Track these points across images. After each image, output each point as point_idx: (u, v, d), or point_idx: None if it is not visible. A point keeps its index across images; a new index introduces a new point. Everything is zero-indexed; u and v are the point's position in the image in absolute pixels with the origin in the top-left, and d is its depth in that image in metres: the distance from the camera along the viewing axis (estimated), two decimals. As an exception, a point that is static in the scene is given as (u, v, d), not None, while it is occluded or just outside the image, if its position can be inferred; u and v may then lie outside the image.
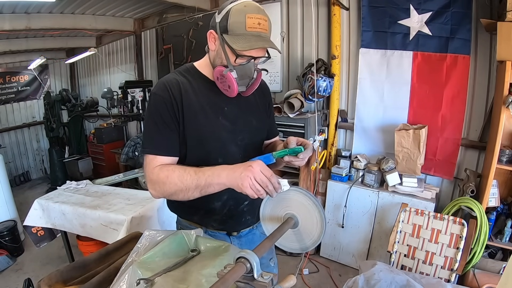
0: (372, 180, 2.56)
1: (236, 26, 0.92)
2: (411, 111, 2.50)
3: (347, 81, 2.83)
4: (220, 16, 0.95)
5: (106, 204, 2.17)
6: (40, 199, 2.35)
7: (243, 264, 0.65)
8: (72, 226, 2.20)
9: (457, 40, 2.22)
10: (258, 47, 0.93)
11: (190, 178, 0.92)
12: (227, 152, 1.07)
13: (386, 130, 2.60)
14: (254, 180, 0.83)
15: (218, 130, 1.05)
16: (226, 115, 1.07)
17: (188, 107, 1.00)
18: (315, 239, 0.92)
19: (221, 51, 0.97)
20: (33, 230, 2.39)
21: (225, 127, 1.07)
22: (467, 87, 2.25)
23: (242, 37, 0.92)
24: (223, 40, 0.94)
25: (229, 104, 1.07)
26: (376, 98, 2.62)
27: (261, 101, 1.20)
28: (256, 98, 1.16)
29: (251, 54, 0.95)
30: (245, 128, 1.11)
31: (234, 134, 1.08)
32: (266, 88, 1.25)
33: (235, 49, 0.93)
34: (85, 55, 4.49)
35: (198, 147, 1.03)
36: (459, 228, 1.84)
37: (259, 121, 1.17)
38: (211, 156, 1.05)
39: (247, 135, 1.12)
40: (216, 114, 1.05)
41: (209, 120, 1.04)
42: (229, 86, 0.98)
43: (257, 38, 0.93)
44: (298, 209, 0.92)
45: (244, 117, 1.12)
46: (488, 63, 2.19)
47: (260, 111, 1.19)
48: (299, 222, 0.92)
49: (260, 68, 1.06)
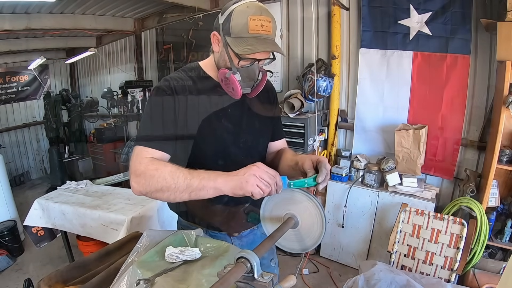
0: (372, 180, 2.56)
1: (238, 28, 0.90)
2: (411, 111, 2.50)
3: (347, 81, 2.83)
4: (223, 18, 0.93)
5: (106, 204, 2.17)
6: (40, 199, 2.35)
7: (243, 264, 0.65)
8: (72, 226, 2.20)
9: (457, 40, 2.22)
10: (260, 51, 0.91)
11: (182, 176, 0.85)
12: (228, 154, 1.06)
13: (386, 130, 2.60)
14: (260, 179, 0.81)
15: (220, 132, 1.05)
16: (229, 116, 1.06)
17: (191, 107, 0.99)
18: (315, 239, 0.92)
19: (225, 53, 0.96)
20: (33, 230, 2.39)
21: (227, 129, 1.06)
22: (467, 87, 2.25)
23: (245, 40, 0.90)
24: (226, 42, 0.93)
25: (233, 105, 1.06)
26: (376, 98, 2.62)
27: (266, 101, 1.18)
28: (261, 99, 1.14)
29: (255, 57, 0.94)
30: (247, 130, 1.10)
31: (236, 136, 1.07)
32: (272, 89, 1.23)
33: (237, 52, 0.91)
34: (85, 55, 4.49)
35: (197, 147, 1.03)
36: (459, 228, 1.84)
37: (262, 123, 1.15)
38: (210, 158, 1.04)
39: (250, 137, 1.10)
40: (218, 115, 1.04)
41: (211, 121, 1.03)
42: (233, 88, 0.97)
43: (260, 41, 0.91)
44: (298, 209, 0.91)
45: (247, 118, 1.10)
46: (488, 63, 2.19)
47: (265, 112, 1.17)
48: (299, 222, 0.92)
49: (265, 70, 1.05)
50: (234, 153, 1.07)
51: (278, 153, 1.20)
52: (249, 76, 0.98)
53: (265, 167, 0.83)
